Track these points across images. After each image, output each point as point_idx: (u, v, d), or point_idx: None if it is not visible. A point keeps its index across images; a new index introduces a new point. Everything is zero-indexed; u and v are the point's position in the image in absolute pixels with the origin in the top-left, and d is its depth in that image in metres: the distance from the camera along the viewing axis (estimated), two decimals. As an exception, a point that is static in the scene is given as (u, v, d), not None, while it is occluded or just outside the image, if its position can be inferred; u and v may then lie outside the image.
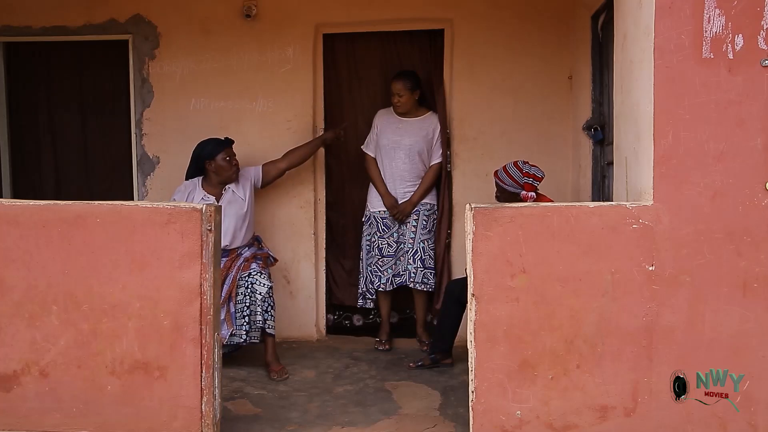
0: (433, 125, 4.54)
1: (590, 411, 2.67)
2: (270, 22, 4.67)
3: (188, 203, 2.80)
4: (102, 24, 4.74)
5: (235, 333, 3.98)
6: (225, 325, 3.92)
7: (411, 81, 4.47)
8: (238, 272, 4.04)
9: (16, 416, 2.85)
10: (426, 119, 4.56)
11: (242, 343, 4.02)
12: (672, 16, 2.60)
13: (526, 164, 3.60)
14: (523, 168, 3.57)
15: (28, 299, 2.82)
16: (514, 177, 3.58)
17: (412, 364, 4.13)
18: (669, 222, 2.62)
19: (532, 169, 3.57)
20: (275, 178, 4.42)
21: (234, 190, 4.22)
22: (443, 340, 4.09)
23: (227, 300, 3.96)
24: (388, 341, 4.57)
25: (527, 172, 3.55)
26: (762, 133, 2.59)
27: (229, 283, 3.99)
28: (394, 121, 4.54)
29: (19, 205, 2.86)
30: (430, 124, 4.55)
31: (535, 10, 4.56)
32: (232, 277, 4.02)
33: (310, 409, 3.46)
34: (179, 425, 2.80)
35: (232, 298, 3.99)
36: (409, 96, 4.47)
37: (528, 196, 3.57)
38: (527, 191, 3.56)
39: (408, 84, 4.45)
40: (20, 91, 5.03)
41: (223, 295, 3.91)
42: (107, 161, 5.03)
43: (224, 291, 3.94)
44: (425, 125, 4.54)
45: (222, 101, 4.73)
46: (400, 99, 4.45)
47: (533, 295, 2.66)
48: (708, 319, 2.63)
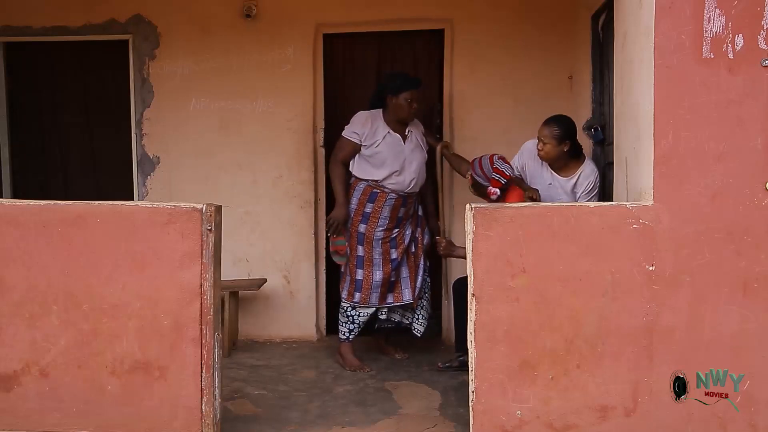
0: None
1: (590, 411, 2.67)
2: (270, 22, 4.67)
3: (189, 203, 2.78)
4: (102, 24, 4.74)
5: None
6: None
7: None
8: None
9: (17, 416, 2.85)
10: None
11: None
12: (672, 16, 2.59)
13: (499, 160, 3.59)
14: (495, 163, 3.57)
15: (29, 299, 2.82)
16: (485, 169, 3.57)
17: (440, 365, 4.11)
18: (669, 222, 2.62)
19: (503, 166, 3.57)
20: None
21: (417, 137, 4.19)
22: (465, 339, 4.07)
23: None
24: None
25: (497, 168, 3.55)
26: (762, 133, 2.58)
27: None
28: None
29: (19, 205, 2.86)
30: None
31: (535, 11, 4.56)
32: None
33: (310, 409, 3.46)
34: (179, 425, 2.80)
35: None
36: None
37: (492, 191, 3.55)
38: (493, 186, 3.55)
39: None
40: (20, 91, 5.04)
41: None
42: (111, 161, 5.04)
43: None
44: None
45: (222, 101, 4.74)
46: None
47: (533, 295, 2.66)
48: (708, 319, 2.63)
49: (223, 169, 4.76)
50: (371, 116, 4.15)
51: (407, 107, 4.06)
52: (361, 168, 4.16)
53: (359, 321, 4.21)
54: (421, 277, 4.28)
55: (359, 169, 4.17)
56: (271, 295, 4.79)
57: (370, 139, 4.11)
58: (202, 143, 4.76)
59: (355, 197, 4.17)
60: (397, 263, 4.19)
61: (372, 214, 4.14)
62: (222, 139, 4.75)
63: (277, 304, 4.80)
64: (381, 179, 4.11)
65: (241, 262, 4.77)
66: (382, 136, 4.10)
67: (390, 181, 4.12)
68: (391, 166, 4.10)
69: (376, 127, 4.11)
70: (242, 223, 4.72)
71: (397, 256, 4.19)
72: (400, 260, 4.21)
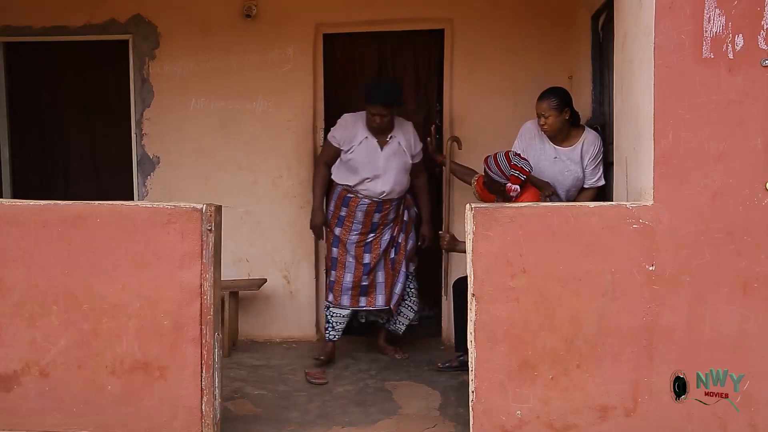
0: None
1: (590, 411, 2.67)
2: (270, 22, 4.67)
3: (189, 203, 2.78)
4: (102, 24, 4.74)
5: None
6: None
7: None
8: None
9: (17, 416, 2.85)
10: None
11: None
12: (672, 16, 2.59)
13: (516, 156, 3.59)
14: (512, 160, 3.57)
15: (29, 299, 2.82)
16: (502, 167, 3.56)
17: (440, 365, 4.11)
18: (669, 222, 2.62)
19: (521, 162, 3.57)
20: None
21: (400, 141, 4.09)
22: (465, 339, 4.07)
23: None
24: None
25: (515, 165, 3.55)
26: (762, 133, 2.58)
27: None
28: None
29: (19, 205, 2.86)
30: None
31: (535, 10, 4.56)
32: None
33: (310, 409, 3.46)
34: (179, 425, 2.80)
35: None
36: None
37: (512, 188, 3.56)
38: (512, 183, 3.56)
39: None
40: (20, 91, 5.04)
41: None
42: (111, 161, 5.04)
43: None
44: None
45: (222, 101, 4.73)
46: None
47: (533, 295, 2.66)
48: (708, 319, 2.63)
49: (223, 169, 4.76)
50: (353, 120, 4.11)
51: (372, 121, 4.00)
52: (339, 172, 4.16)
53: (333, 321, 4.21)
54: (401, 284, 4.25)
55: (336, 173, 4.18)
56: (271, 295, 4.79)
57: (347, 144, 4.07)
58: (202, 143, 4.75)
59: (332, 200, 4.20)
60: (369, 268, 4.16)
61: (346, 218, 4.15)
62: (222, 139, 4.75)
63: (277, 304, 4.80)
64: (353, 185, 4.09)
65: (241, 262, 4.77)
66: (359, 141, 4.05)
67: (362, 187, 4.08)
68: (364, 172, 4.05)
69: (355, 132, 4.06)
70: (242, 223, 4.72)
71: (370, 261, 4.16)
72: (375, 265, 4.17)
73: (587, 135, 3.76)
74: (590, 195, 3.78)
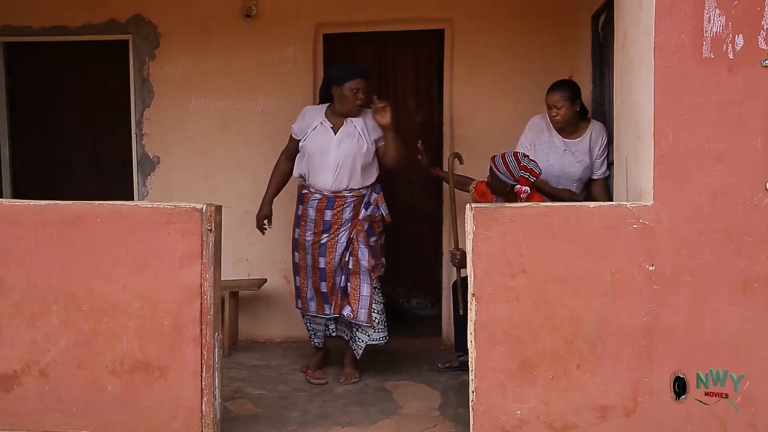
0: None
1: (590, 411, 2.67)
2: (270, 22, 4.67)
3: (189, 203, 2.78)
4: (102, 24, 4.74)
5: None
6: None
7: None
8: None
9: (17, 416, 2.85)
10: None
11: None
12: (672, 16, 2.60)
13: (525, 158, 3.57)
14: (522, 161, 3.55)
15: (29, 299, 2.82)
16: (511, 168, 3.53)
17: (440, 365, 4.10)
18: (669, 222, 2.62)
19: (531, 164, 3.55)
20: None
21: (356, 125, 3.76)
22: (465, 339, 4.05)
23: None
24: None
25: (524, 166, 3.52)
26: (762, 133, 2.59)
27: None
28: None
29: (19, 205, 2.86)
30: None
31: (535, 10, 4.56)
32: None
33: (310, 409, 3.46)
34: (179, 425, 2.80)
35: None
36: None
37: (522, 190, 3.55)
38: (522, 185, 3.54)
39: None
40: (21, 91, 5.04)
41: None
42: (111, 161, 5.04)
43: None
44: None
45: (222, 101, 4.73)
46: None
47: (533, 295, 2.66)
48: (708, 319, 2.63)
49: (223, 169, 4.76)
50: (312, 109, 3.91)
51: (352, 97, 3.72)
52: (296, 164, 3.92)
53: (311, 328, 4.02)
54: (367, 296, 3.73)
55: (295, 166, 3.94)
56: (271, 295, 4.79)
57: (302, 132, 3.85)
58: (202, 143, 4.75)
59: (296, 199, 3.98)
60: (325, 273, 3.79)
61: (301, 217, 3.86)
62: (222, 139, 4.75)
63: (277, 304, 4.80)
64: (305, 175, 3.84)
65: (241, 262, 4.77)
66: (313, 127, 3.79)
67: (313, 180, 3.79)
68: (313, 160, 3.76)
69: (311, 120, 3.82)
70: (242, 223, 4.71)
71: (324, 265, 3.79)
72: (332, 271, 3.78)
73: (594, 126, 3.82)
74: (602, 185, 3.82)
